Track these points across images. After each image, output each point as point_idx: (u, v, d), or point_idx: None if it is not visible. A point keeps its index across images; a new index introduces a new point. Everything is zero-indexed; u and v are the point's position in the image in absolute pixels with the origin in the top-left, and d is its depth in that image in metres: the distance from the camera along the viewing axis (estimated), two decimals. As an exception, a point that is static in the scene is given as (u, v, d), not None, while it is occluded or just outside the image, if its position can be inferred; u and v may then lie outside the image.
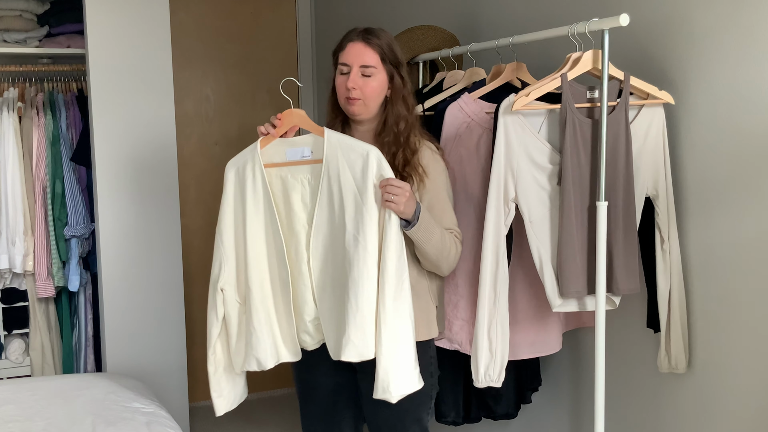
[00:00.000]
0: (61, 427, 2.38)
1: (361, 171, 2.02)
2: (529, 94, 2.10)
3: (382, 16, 3.71)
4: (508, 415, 2.63)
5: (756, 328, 1.98)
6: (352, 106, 2.14)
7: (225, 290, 2.13)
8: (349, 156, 2.03)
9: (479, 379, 2.21)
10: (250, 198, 2.09)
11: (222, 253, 2.13)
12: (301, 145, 2.10)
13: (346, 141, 2.06)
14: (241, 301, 2.14)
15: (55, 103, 3.71)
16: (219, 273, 2.13)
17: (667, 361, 2.19)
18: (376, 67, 2.12)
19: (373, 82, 2.12)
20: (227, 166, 2.15)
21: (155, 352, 3.53)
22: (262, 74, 4.39)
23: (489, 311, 2.17)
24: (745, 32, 1.95)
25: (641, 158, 2.16)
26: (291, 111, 2.11)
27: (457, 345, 2.45)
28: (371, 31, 2.14)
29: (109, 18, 3.36)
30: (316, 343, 2.14)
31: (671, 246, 2.16)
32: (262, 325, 2.09)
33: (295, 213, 2.08)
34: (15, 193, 3.58)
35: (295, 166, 2.09)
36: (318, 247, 2.08)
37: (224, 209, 2.13)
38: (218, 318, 2.14)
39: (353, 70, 2.11)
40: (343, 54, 2.13)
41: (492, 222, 2.15)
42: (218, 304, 2.13)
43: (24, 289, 3.72)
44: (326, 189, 2.05)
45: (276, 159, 2.10)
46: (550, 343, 2.43)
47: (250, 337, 2.10)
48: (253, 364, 2.11)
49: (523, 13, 2.75)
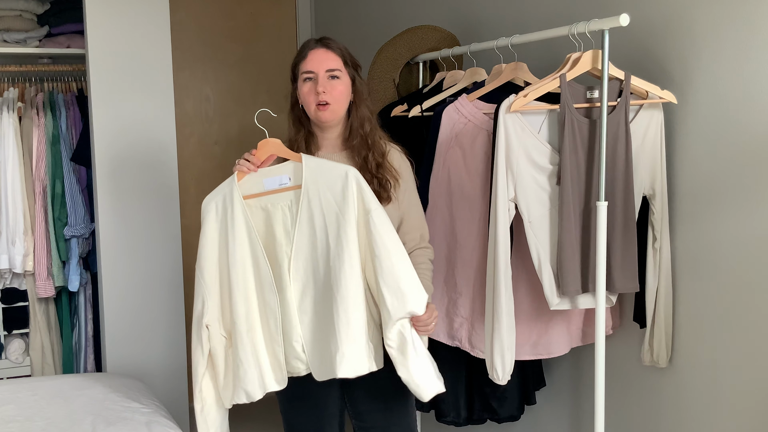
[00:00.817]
0: (61, 427, 2.38)
1: (342, 191, 2.04)
2: (527, 95, 2.10)
3: (382, 16, 3.71)
4: (512, 418, 2.62)
5: (738, 327, 2.02)
6: (323, 112, 2.14)
7: (210, 326, 2.10)
8: (328, 178, 2.05)
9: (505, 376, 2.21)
10: (230, 231, 2.07)
11: (204, 289, 2.10)
12: (278, 174, 2.09)
13: (323, 164, 2.07)
14: (226, 335, 2.12)
15: (55, 103, 3.71)
16: (203, 309, 2.09)
17: (649, 355, 2.23)
18: (341, 69, 2.14)
19: (340, 86, 2.14)
20: (204, 201, 2.11)
21: (155, 352, 3.53)
22: (262, 74, 4.39)
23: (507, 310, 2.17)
24: (745, 31, 1.95)
25: (639, 157, 2.16)
26: (266, 141, 2.10)
27: (458, 342, 2.46)
28: (327, 38, 2.18)
29: (109, 18, 3.35)
30: (307, 368, 2.12)
31: (662, 244, 2.18)
32: (248, 357, 2.07)
33: (277, 241, 2.07)
34: (15, 193, 3.57)
35: (274, 195, 2.08)
36: (299, 270, 2.07)
37: (204, 244, 2.10)
38: (204, 355, 2.11)
39: (320, 76, 2.12)
40: (305, 63, 2.14)
41: (502, 223, 2.14)
42: (204, 341, 2.10)
43: (24, 289, 3.72)
44: (306, 213, 2.06)
45: (254, 190, 2.09)
46: (553, 345, 2.42)
47: (238, 369, 2.07)
48: (242, 396, 2.09)
49: (523, 13, 2.75)
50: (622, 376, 2.42)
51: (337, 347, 2.02)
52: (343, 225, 2.03)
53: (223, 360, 2.12)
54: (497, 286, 2.15)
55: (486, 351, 2.23)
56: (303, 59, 2.15)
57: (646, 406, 2.34)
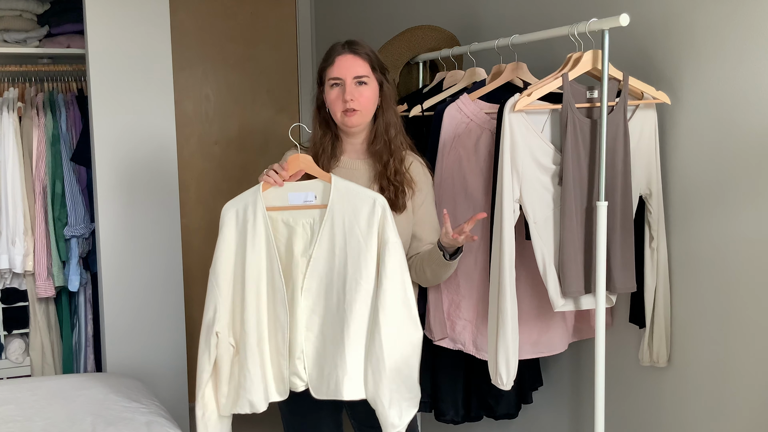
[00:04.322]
0: (61, 427, 2.38)
1: (367, 217, 2.04)
2: (531, 94, 2.10)
3: (382, 16, 3.71)
4: (508, 415, 2.62)
5: (736, 325, 2.02)
6: (350, 118, 2.13)
7: (220, 334, 2.09)
8: (355, 202, 2.05)
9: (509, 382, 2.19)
10: (250, 240, 2.06)
11: (217, 296, 2.08)
12: (305, 190, 2.08)
13: (352, 188, 2.07)
14: (234, 344, 2.11)
15: (55, 103, 3.71)
16: (214, 317, 2.08)
17: (648, 355, 2.23)
18: (368, 76, 2.13)
19: (368, 92, 2.13)
20: (225, 207, 2.09)
21: (155, 352, 3.53)
22: (262, 74, 4.39)
23: (512, 314, 2.15)
24: (743, 33, 1.95)
25: (635, 157, 2.16)
26: (297, 156, 2.09)
27: (461, 345, 2.44)
28: (355, 42, 2.15)
29: (109, 18, 3.35)
30: (305, 386, 2.11)
31: (659, 244, 2.18)
32: (256, 368, 2.06)
33: (294, 257, 2.07)
34: (15, 193, 3.57)
35: (297, 211, 2.08)
36: (311, 289, 2.07)
37: (221, 250, 2.08)
38: (210, 362, 2.09)
39: (347, 83, 2.11)
40: (332, 68, 2.12)
41: (507, 224, 2.13)
42: (212, 348, 2.08)
43: (24, 289, 3.72)
44: (328, 233, 2.05)
45: (277, 203, 2.08)
46: (553, 344, 2.42)
47: (244, 380, 2.06)
48: (246, 407, 2.08)
49: (523, 13, 2.75)
50: (619, 375, 2.42)
51: (345, 370, 2.02)
52: (364, 252, 2.04)
53: (228, 369, 2.10)
54: (502, 290, 2.14)
55: (490, 357, 2.21)
56: (330, 65, 2.13)
57: (645, 405, 2.34)
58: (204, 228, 4.23)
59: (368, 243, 2.04)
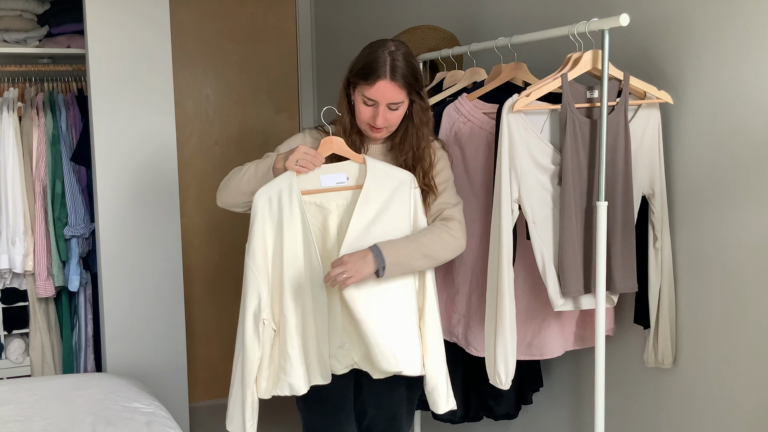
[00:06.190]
0: (61, 427, 2.38)
1: (400, 196, 2.09)
2: (530, 95, 2.10)
3: (382, 16, 3.71)
4: (508, 416, 2.63)
5: (740, 325, 2.01)
6: (376, 133, 2.16)
7: (266, 321, 2.10)
8: (389, 182, 2.10)
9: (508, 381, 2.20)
10: (286, 225, 2.07)
11: (258, 283, 2.08)
12: (336, 172, 2.11)
13: (386, 168, 2.11)
14: (276, 328, 2.12)
15: (55, 103, 3.71)
16: (260, 305, 2.08)
17: (653, 356, 2.22)
18: (402, 101, 2.13)
19: (398, 112, 2.15)
20: (257, 194, 2.09)
21: (155, 352, 3.53)
22: (262, 74, 4.39)
23: (510, 314, 2.16)
24: (744, 33, 1.95)
25: (638, 157, 2.16)
26: (330, 138, 2.13)
27: (456, 338, 2.46)
28: (397, 66, 2.09)
29: (109, 18, 3.36)
30: (344, 368, 2.15)
31: (663, 244, 2.17)
32: (296, 352, 2.09)
33: (330, 239, 2.10)
34: (15, 193, 3.57)
35: (330, 193, 2.11)
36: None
37: (256, 238, 2.08)
38: (261, 349, 2.10)
39: (380, 107, 2.11)
40: (371, 90, 2.09)
41: (506, 224, 2.13)
42: (260, 335, 2.09)
43: (24, 289, 3.72)
44: (363, 213, 2.07)
45: (310, 186, 2.11)
46: (546, 347, 2.40)
47: (285, 363, 2.09)
48: (286, 389, 2.10)
49: (523, 13, 2.75)
50: (622, 377, 2.41)
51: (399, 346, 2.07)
52: (398, 231, 2.08)
53: (269, 353, 2.12)
54: (501, 289, 2.14)
55: (488, 356, 2.21)
56: (369, 86, 2.09)
57: (650, 407, 2.33)
58: (204, 228, 4.23)
59: (402, 222, 2.08)
